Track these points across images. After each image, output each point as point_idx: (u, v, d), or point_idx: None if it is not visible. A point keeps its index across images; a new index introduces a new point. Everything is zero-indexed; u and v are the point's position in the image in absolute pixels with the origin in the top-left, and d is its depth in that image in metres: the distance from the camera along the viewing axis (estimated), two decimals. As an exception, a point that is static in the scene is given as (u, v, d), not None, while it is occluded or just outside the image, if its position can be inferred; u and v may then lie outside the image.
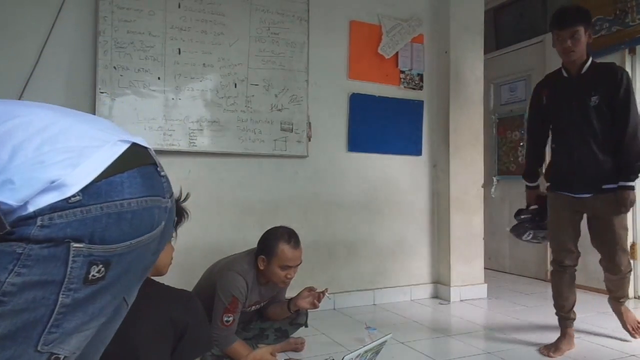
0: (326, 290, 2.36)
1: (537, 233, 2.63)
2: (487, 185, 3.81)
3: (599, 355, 2.34)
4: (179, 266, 2.00)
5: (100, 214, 0.74)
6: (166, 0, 2.86)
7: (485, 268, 3.77)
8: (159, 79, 2.84)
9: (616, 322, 2.64)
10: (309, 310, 2.44)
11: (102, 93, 2.71)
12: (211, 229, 3.00)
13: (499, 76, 4.78)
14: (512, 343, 2.60)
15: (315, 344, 2.52)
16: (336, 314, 3.19)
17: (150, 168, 0.86)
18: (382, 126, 3.52)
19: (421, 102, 3.67)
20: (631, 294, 3.64)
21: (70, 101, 2.68)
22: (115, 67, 2.73)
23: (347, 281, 3.41)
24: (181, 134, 2.89)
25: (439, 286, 3.67)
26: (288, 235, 2.22)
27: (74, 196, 0.72)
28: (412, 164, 3.66)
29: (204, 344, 1.51)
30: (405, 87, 3.62)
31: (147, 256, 0.88)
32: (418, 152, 3.67)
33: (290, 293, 2.51)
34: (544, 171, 2.66)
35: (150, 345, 1.34)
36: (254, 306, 2.34)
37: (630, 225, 3.64)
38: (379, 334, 2.52)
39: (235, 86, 3.04)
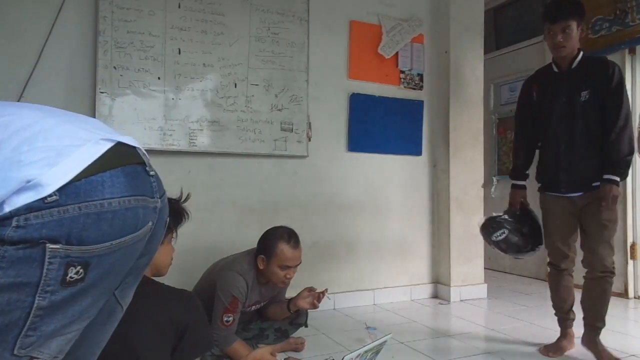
0: (326, 290, 2.36)
1: (511, 236, 2.41)
2: (487, 185, 3.81)
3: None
4: (179, 266, 2.00)
5: (78, 214, 0.72)
6: (166, 0, 2.86)
7: (485, 268, 3.77)
8: (159, 79, 2.84)
9: (616, 322, 2.63)
10: (308, 310, 2.44)
11: (102, 93, 2.71)
12: (211, 229, 3.00)
13: (499, 76, 4.78)
14: (512, 343, 2.60)
15: (315, 344, 2.52)
16: (336, 314, 3.19)
17: (137, 167, 0.84)
18: (382, 126, 3.52)
19: (421, 102, 3.68)
20: (631, 294, 3.64)
21: (70, 101, 2.69)
22: (115, 67, 2.73)
23: (347, 281, 3.41)
24: (181, 134, 2.89)
25: (439, 286, 3.67)
26: (288, 235, 2.22)
27: (50, 196, 0.70)
28: (412, 164, 3.66)
29: (204, 343, 1.51)
30: (405, 87, 3.62)
31: (133, 257, 0.85)
32: (418, 152, 3.67)
33: (290, 293, 2.51)
34: (536, 171, 2.53)
35: (151, 345, 1.34)
36: (254, 306, 2.34)
37: (630, 225, 3.65)
38: (379, 334, 2.52)
39: (235, 86, 3.04)
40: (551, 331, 2.65)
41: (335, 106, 3.40)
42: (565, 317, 2.49)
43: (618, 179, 2.18)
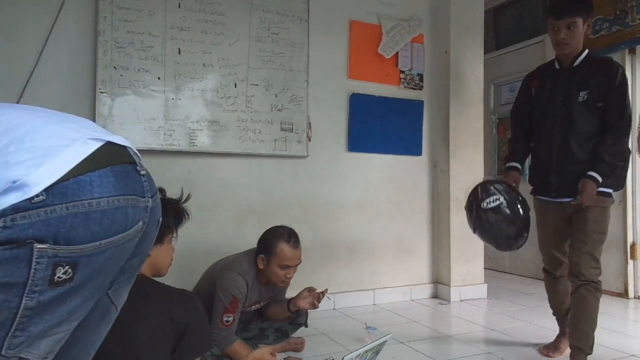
0: (326, 290, 2.36)
1: (503, 208, 2.16)
2: (487, 185, 3.80)
3: (599, 355, 2.33)
4: (179, 266, 2.00)
5: (65, 213, 0.72)
6: (166, 0, 2.86)
7: (485, 268, 3.77)
8: (159, 79, 2.84)
9: (616, 322, 2.63)
10: (308, 310, 2.44)
11: (102, 93, 2.71)
12: (211, 229, 3.00)
13: (499, 76, 4.78)
14: (512, 343, 2.60)
15: (315, 344, 2.52)
16: (336, 314, 3.19)
17: (127, 167, 0.83)
18: (382, 126, 3.52)
19: (421, 102, 3.68)
20: (631, 294, 3.64)
21: (70, 101, 2.69)
22: (115, 67, 2.73)
23: (347, 281, 3.41)
24: (181, 134, 2.89)
25: (439, 286, 3.67)
26: (288, 235, 2.22)
27: (37, 196, 0.70)
28: (412, 164, 3.66)
29: (204, 343, 1.50)
30: (405, 87, 3.62)
31: (123, 257, 0.85)
32: (418, 152, 3.67)
33: (290, 293, 2.51)
34: (529, 173, 2.42)
35: (151, 345, 1.34)
36: (254, 306, 2.34)
37: (630, 225, 3.65)
38: (379, 334, 2.52)
39: (235, 86, 3.04)
40: (551, 331, 2.65)
41: (335, 106, 3.39)
42: (563, 318, 2.46)
43: (600, 179, 2.06)
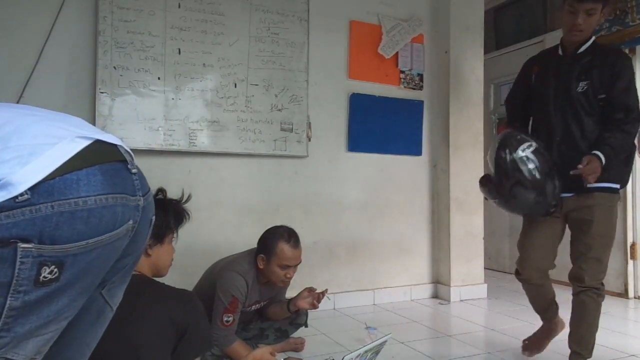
0: (326, 290, 2.36)
1: (538, 155, 1.97)
2: (487, 185, 3.80)
3: (599, 355, 2.33)
4: (179, 266, 2.00)
5: (50, 212, 0.71)
6: (166, 0, 2.86)
7: (485, 268, 3.78)
8: (159, 79, 2.84)
9: (616, 322, 2.62)
10: (308, 310, 2.44)
11: (102, 93, 2.71)
12: (211, 229, 3.00)
13: (499, 76, 4.78)
14: (512, 343, 2.59)
15: (315, 344, 2.52)
16: (336, 314, 3.19)
17: (117, 165, 0.82)
18: (382, 126, 3.52)
19: (421, 102, 3.68)
20: (631, 294, 3.64)
21: (70, 101, 2.69)
22: (115, 67, 2.73)
23: (347, 281, 3.41)
24: (181, 134, 2.89)
25: (439, 286, 3.67)
26: (288, 235, 2.22)
27: (21, 195, 0.69)
28: (412, 164, 3.66)
29: (204, 343, 1.50)
30: (405, 87, 3.62)
31: (113, 256, 0.83)
32: (418, 152, 3.67)
33: (290, 293, 2.51)
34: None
35: (151, 345, 1.34)
36: (254, 306, 2.34)
37: (630, 225, 3.65)
38: (379, 334, 2.52)
39: (235, 86, 3.04)
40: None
41: (335, 106, 3.39)
42: (549, 316, 2.32)
43: (604, 160, 1.90)
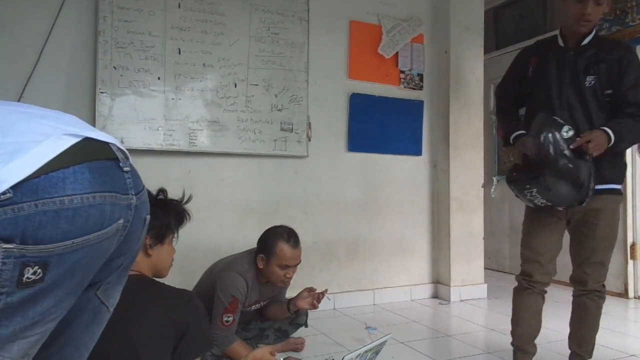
0: (325, 290, 2.36)
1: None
2: (487, 185, 3.81)
3: (598, 355, 2.33)
4: (179, 266, 1.99)
5: (34, 211, 0.69)
6: (166, 0, 2.86)
7: (485, 268, 3.78)
8: (159, 79, 2.84)
9: (616, 322, 2.62)
10: (308, 310, 2.44)
11: (102, 93, 2.71)
12: (211, 229, 3.00)
13: (499, 76, 4.71)
14: (512, 343, 2.60)
15: (315, 344, 2.52)
16: (336, 314, 3.19)
17: (107, 163, 0.80)
18: (382, 126, 3.52)
19: (421, 102, 3.68)
20: (631, 294, 3.64)
21: (70, 101, 2.69)
22: (115, 67, 2.73)
23: (347, 281, 3.41)
24: (181, 134, 2.89)
25: (439, 286, 3.67)
26: (287, 235, 2.22)
27: (3, 194, 0.67)
28: (412, 164, 3.66)
29: (205, 343, 1.50)
30: (405, 87, 3.62)
31: (101, 256, 0.81)
32: (418, 152, 3.67)
33: (290, 293, 2.51)
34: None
35: (151, 345, 1.34)
36: (253, 306, 2.34)
37: (630, 225, 3.65)
38: (379, 334, 2.52)
39: (235, 86, 3.04)
40: (551, 331, 2.65)
41: (335, 106, 3.40)
42: (523, 349, 2.06)
43: (612, 136, 1.81)
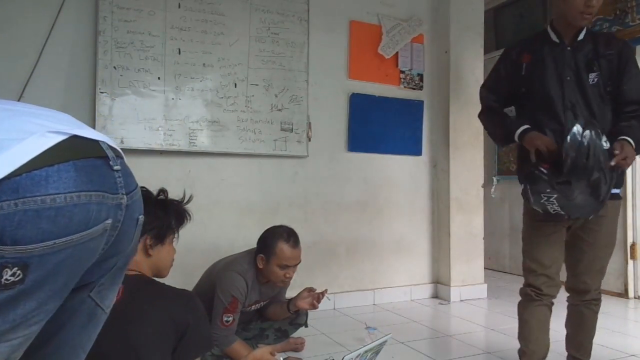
0: (325, 290, 2.36)
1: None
2: (487, 185, 3.81)
3: (598, 355, 2.34)
4: (179, 266, 1.99)
5: (13, 210, 0.66)
6: (166, 0, 2.86)
7: (485, 268, 3.78)
8: (159, 79, 2.84)
9: (616, 322, 2.62)
10: (308, 310, 2.44)
11: (102, 93, 2.71)
12: (211, 229, 3.00)
13: (499, 76, 4.77)
14: (512, 343, 2.59)
15: (315, 344, 2.52)
16: (336, 314, 3.19)
17: (95, 161, 0.77)
18: (382, 126, 3.52)
19: (421, 102, 3.68)
20: (631, 294, 3.64)
21: (70, 101, 2.69)
22: (115, 67, 2.73)
23: (347, 281, 3.41)
24: (181, 134, 2.89)
25: (439, 286, 3.67)
26: (287, 234, 2.22)
27: None
28: (412, 164, 3.66)
29: (205, 343, 1.50)
30: (405, 87, 3.62)
31: (88, 257, 0.79)
32: (418, 152, 3.67)
33: (290, 293, 2.51)
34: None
35: (152, 345, 1.34)
36: (253, 306, 2.34)
37: (630, 225, 3.65)
38: (379, 334, 2.52)
39: (235, 86, 3.04)
40: (551, 331, 2.64)
41: (335, 106, 3.39)
42: None
43: (634, 145, 1.72)
